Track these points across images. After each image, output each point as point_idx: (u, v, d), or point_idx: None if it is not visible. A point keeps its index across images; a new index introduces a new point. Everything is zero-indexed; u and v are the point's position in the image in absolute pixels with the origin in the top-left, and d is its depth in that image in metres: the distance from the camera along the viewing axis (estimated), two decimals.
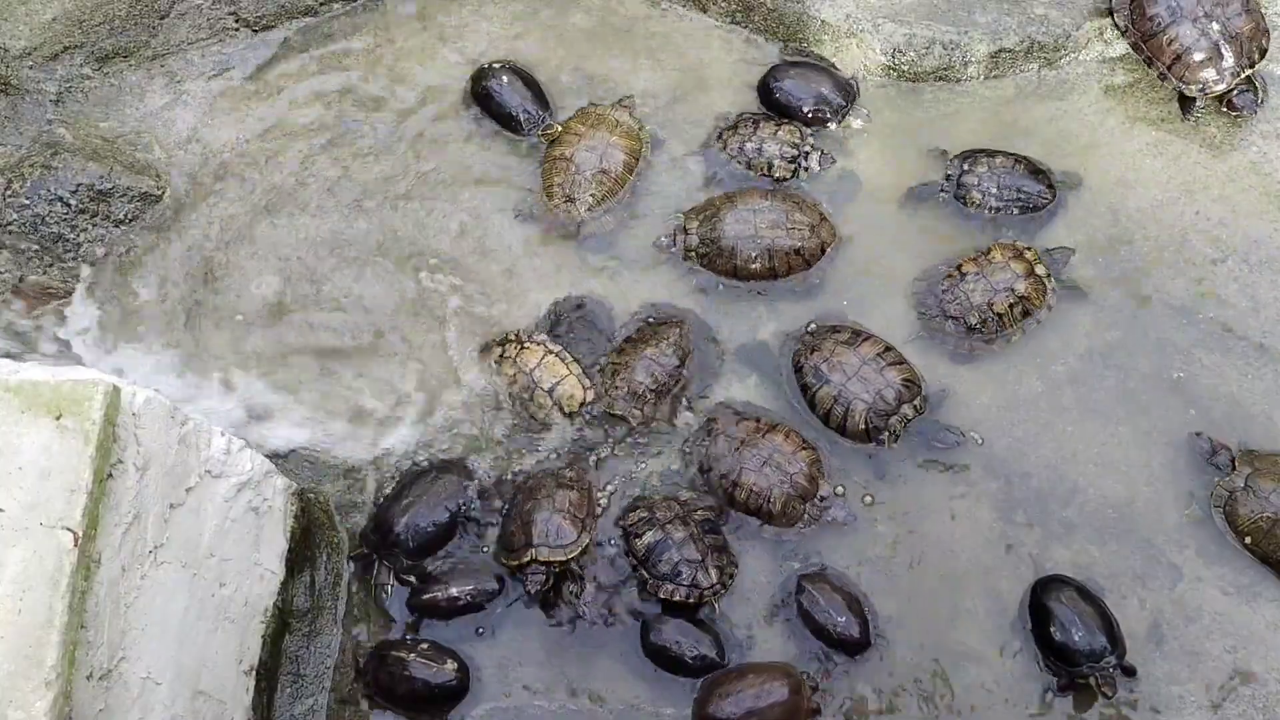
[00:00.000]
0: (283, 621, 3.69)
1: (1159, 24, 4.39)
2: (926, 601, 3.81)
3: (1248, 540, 3.77)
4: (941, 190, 4.35)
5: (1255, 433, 3.98)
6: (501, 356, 4.10)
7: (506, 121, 4.50)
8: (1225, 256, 4.26)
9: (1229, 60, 4.31)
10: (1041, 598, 3.71)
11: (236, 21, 4.59)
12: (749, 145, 4.41)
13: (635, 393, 4.01)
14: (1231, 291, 4.20)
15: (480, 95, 4.53)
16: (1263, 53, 4.37)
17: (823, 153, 4.42)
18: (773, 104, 4.52)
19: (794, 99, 4.48)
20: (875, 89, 4.57)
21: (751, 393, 4.11)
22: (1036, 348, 4.14)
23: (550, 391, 4.00)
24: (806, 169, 4.39)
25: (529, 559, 3.69)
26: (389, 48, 4.67)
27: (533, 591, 3.70)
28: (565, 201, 4.33)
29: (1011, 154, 4.36)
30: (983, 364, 4.14)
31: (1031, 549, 3.86)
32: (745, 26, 4.71)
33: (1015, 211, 4.29)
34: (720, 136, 4.49)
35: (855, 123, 4.51)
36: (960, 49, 4.51)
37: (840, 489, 3.92)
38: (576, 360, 4.08)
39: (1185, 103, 4.46)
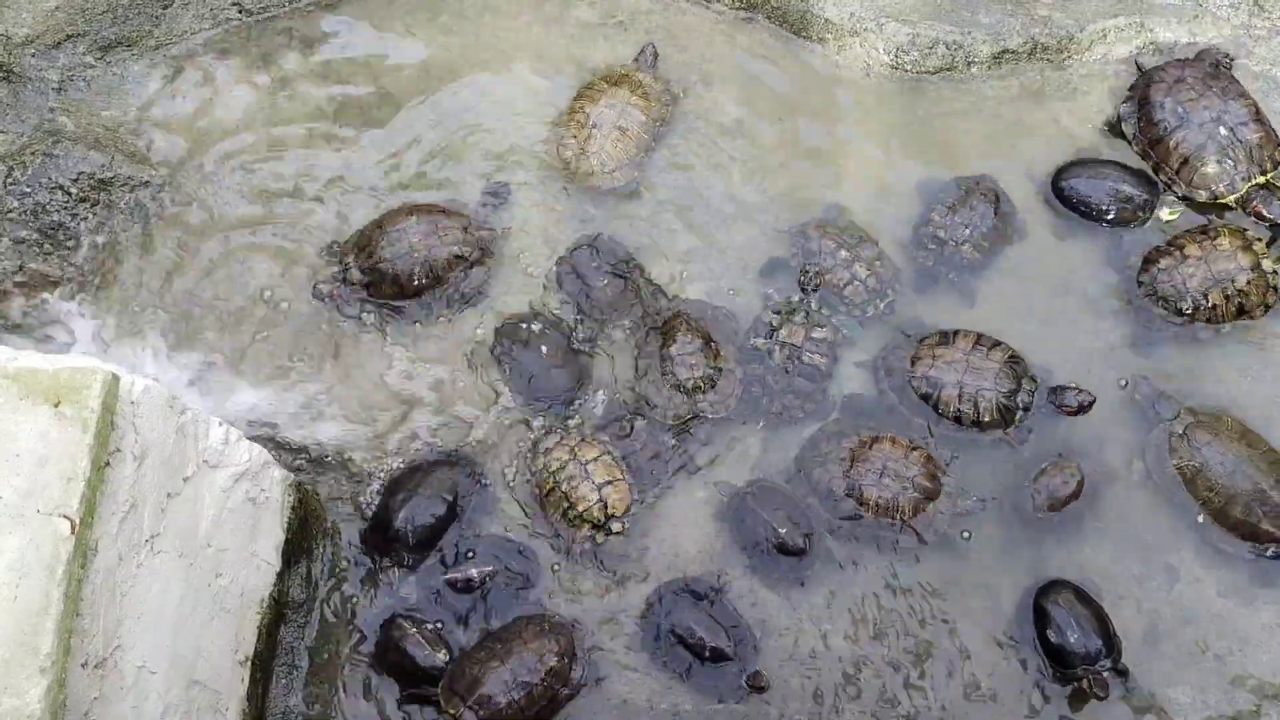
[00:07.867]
0: (279, 613, 3.69)
1: (1165, 128, 4.23)
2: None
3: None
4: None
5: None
6: (558, 444, 3.94)
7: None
8: None
9: (1239, 166, 4.13)
10: (1039, 600, 3.72)
11: (240, 11, 4.58)
12: (833, 263, 4.16)
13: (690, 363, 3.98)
14: None
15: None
16: (1275, 163, 4.16)
17: (836, 340, 4.12)
18: (1066, 202, 4.30)
19: (1091, 199, 4.25)
20: (878, 86, 4.57)
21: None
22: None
23: (599, 488, 3.83)
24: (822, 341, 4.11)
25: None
26: (389, 35, 4.66)
27: None
28: (579, 155, 4.35)
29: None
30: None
31: (1029, 549, 3.86)
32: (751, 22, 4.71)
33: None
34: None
35: (1163, 213, 4.26)
36: (964, 49, 4.50)
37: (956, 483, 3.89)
38: (630, 471, 3.95)
39: (1200, 210, 4.22)
